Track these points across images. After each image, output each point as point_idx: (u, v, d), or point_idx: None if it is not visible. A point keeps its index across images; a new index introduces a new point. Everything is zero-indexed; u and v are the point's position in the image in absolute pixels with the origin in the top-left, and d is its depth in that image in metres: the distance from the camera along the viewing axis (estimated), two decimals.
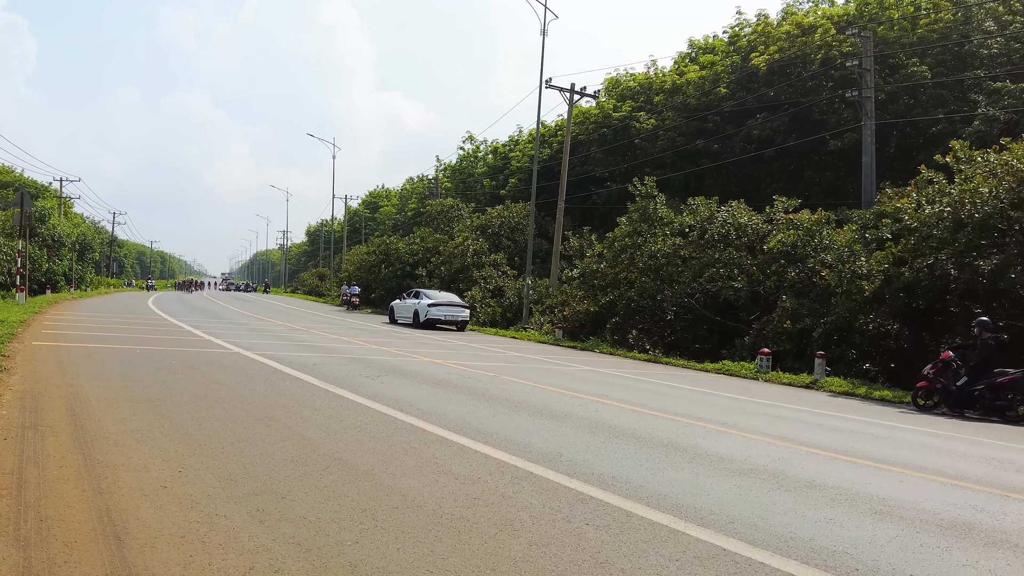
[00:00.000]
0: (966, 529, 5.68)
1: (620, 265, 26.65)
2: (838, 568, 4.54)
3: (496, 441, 7.67)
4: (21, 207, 30.57)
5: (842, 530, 5.39)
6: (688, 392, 14.47)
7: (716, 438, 9.03)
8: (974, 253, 16.17)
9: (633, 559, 4.46)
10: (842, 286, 19.24)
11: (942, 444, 10.29)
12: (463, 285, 39.21)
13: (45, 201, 60.17)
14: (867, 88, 25.42)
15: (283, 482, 5.59)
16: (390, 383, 11.82)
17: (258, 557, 4.07)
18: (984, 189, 16.36)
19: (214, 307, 40.51)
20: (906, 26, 33.55)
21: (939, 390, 14.28)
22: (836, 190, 32.42)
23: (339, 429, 7.83)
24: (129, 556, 3.97)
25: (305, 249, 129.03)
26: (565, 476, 6.36)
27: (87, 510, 4.66)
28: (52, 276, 48.75)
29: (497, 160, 61.21)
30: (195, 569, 3.85)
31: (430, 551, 4.33)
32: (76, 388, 9.35)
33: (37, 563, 3.81)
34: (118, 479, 5.39)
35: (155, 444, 6.54)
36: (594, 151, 45.21)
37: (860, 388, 16.65)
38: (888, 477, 7.51)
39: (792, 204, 24.16)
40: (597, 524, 5.11)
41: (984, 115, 28.15)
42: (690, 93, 40.76)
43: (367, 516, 4.89)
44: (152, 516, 4.62)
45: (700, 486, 6.41)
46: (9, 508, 4.61)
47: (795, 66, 36.03)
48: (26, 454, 5.94)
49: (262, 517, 4.73)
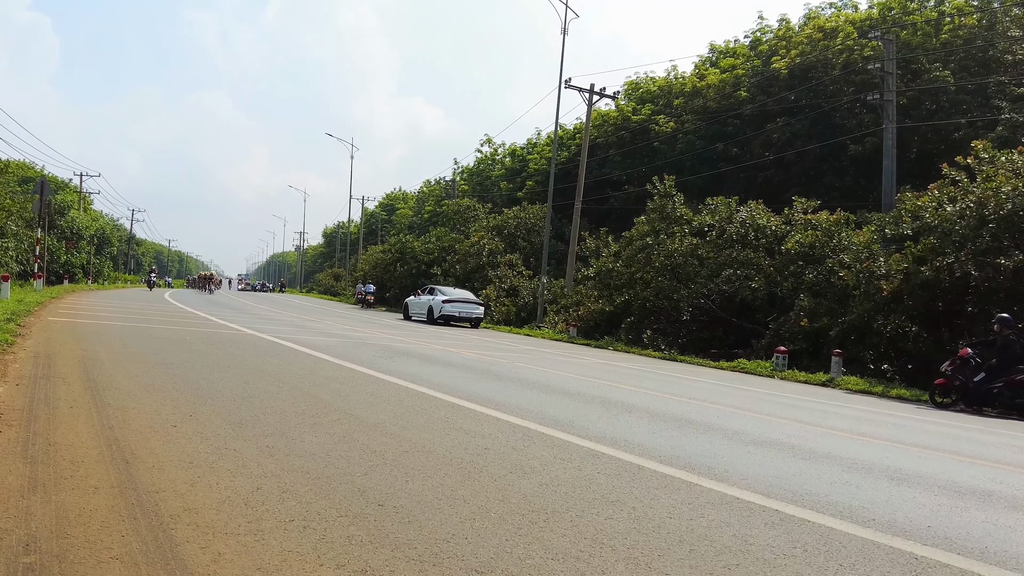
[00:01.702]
0: (985, 495, 5.56)
1: (636, 265, 26.51)
2: (854, 519, 4.43)
3: (508, 409, 7.60)
4: (41, 195, 30.82)
5: (858, 490, 5.29)
6: (702, 383, 14.35)
7: (730, 417, 8.93)
8: (996, 252, 15.96)
9: (644, 500, 4.38)
10: (860, 286, 19.03)
11: (960, 433, 10.12)
12: (478, 284, 39.18)
13: (65, 194, 60.71)
14: (889, 92, 25.20)
15: (293, 428, 5.55)
16: (403, 363, 11.78)
17: (266, 481, 4.02)
18: (1007, 188, 16.17)
19: (230, 301, 40.67)
20: (929, 31, 33.30)
21: (957, 387, 14.05)
22: (856, 195, 32.15)
23: (350, 393, 7.79)
24: (136, 475, 3.93)
25: (321, 251, 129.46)
26: (576, 437, 6.29)
27: (96, 440, 4.64)
28: (70, 268, 49.14)
29: (515, 163, 61.21)
30: (202, 487, 3.81)
31: (439, 484, 4.28)
32: (89, 351, 9.38)
33: (44, 476, 3.78)
34: (128, 419, 5.37)
35: (166, 395, 6.53)
36: (612, 154, 45.10)
37: (877, 387, 16.45)
38: (905, 453, 7.38)
39: (811, 205, 23.95)
40: (608, 473, 5.04)
41: (1008, 120, 27.86)
42: (710, 96, 40.62)
43: (377, 456, 4.84)
44: (161, 447, 4.59)
45: (713, 451, 6.32)
46: (18, 435, 4.60)
47: (816, 70, 35.83)
48: (37, 396, 5.94)
49: (271, 452, 4.69)
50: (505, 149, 66.06)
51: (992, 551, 3.99)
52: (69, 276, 46.81)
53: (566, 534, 3.57)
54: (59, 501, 3.40)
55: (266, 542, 3.09)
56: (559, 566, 3.13)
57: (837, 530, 4.13)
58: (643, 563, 3.27)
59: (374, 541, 3.21)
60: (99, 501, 3.45)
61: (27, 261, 36.31)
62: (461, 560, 3.08)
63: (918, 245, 17.85)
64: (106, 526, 3.12)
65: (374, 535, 3.29)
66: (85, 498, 3.47)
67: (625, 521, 3.90)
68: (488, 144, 67.94)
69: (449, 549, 3.20)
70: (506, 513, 3.84)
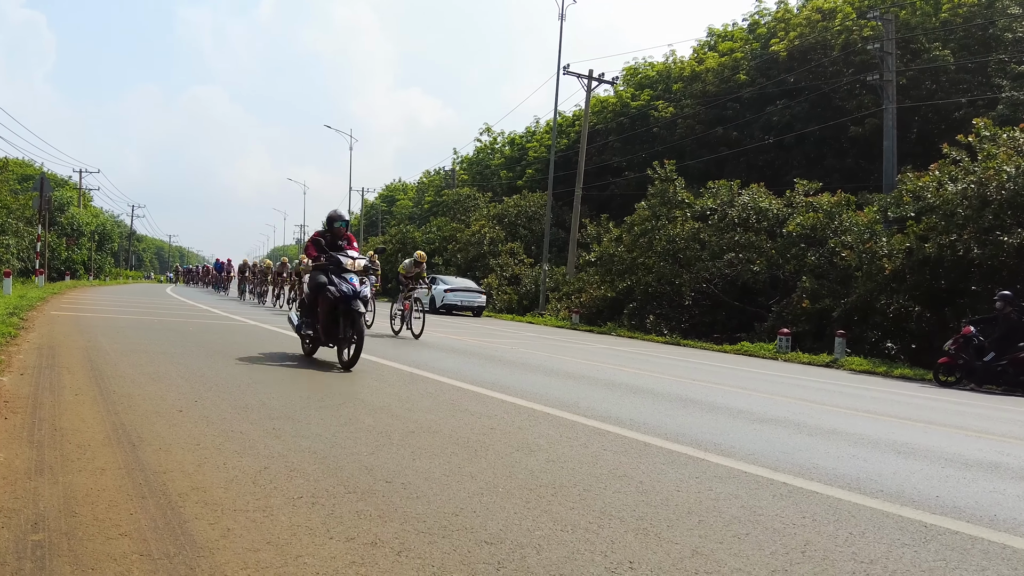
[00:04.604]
0: (992, 467, 5.56)
1: (638, 250, 26.47)
2: (862, 490, 4.42)
3: (513, 391, 7.60)
4: (41, 192, 30.78)
5: (865, 463, 5.28)
6: (706, 365, 14.34)
7: (735, 396, 8.93)
8: (998, 231, 15.91)
9: (652, 475, 4.38)
10: (863, 267, 19.00)
11: (966, 409, 10.11)
12: (479, 273, 39.18)
13: (65, 191, 60.65)
14: (888, 72, 25.07)
15: (300, 412, 5.54)
16: (406, 349, 11.78)
17: (273, 461, 4.02)
18: (1009, 167, 16.10)
19: (232, 292, 40.61)
20: (928, 10, 33.11)
21: (960, 366, 14.05)
22: (857, 176, 32.04)
23: (355, 378, 7.79)
24: (143, 457, 3.93)
25: None
26: (582, 417, 6.28)
27: (101, 424, 4.64)
28: (71, 265, 49.14)
29: (514, 151, 61.03)
30: (209, 467, 3.81)
31: (446, 462, 4.27)
32: (93, 342, 9.38)
33: (50, 459, 3.78)
34: (133, 405, 5.37)
35: (171, 383, 6.52)
36: (612, 140, 44.97)
37: (881, 367, 16.43)
38: (911, 428, 7.38)
39: (813, 187, 23.90)
40: (615, 450, 5.03)
41: (1008, 99, 27.74)
42: (709, 80, 40.45)
43: (383, 437, 4.84)
44: (167, 431, 4.58)
45: (719, 429, 6.31)
46: (23, 420, 4.59)
47: (815, 51, 35.66)
48: (42, 384, 5.94)
49: (278, 434, 4.68)
50: (504, 138, 65.84)
51: (1001, 518, 3.99)
52: (71, 273, 46.80)
53: (574, 507, 3.57)
54: (66, 482, 3.40)
55: (275, 518, 3.09)
56: (568, 536, 3.12)
57: (846, 500, 4.12)
58: (652, 533, 3.27)
59: (383, 516, 3.21)
60: (106, 482, 3.44)
61: (28, 258, 36.31)
62: (470, 532, 3.08)
63: (920, 224, 17.81)
64: (114, 505, 3.12)
65: (383, 510, 3.29)
66: (92, 479, 3.47)
67: (633, 495, 3.89)
68: (487, 133, 67.72)
69: (458, 522, 3.20)
70: (513, 488, 3.83)
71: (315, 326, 8.80)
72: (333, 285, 8.35)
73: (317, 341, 8.98)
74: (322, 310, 8.47)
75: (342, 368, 8.24)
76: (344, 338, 8.35)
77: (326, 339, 8.64)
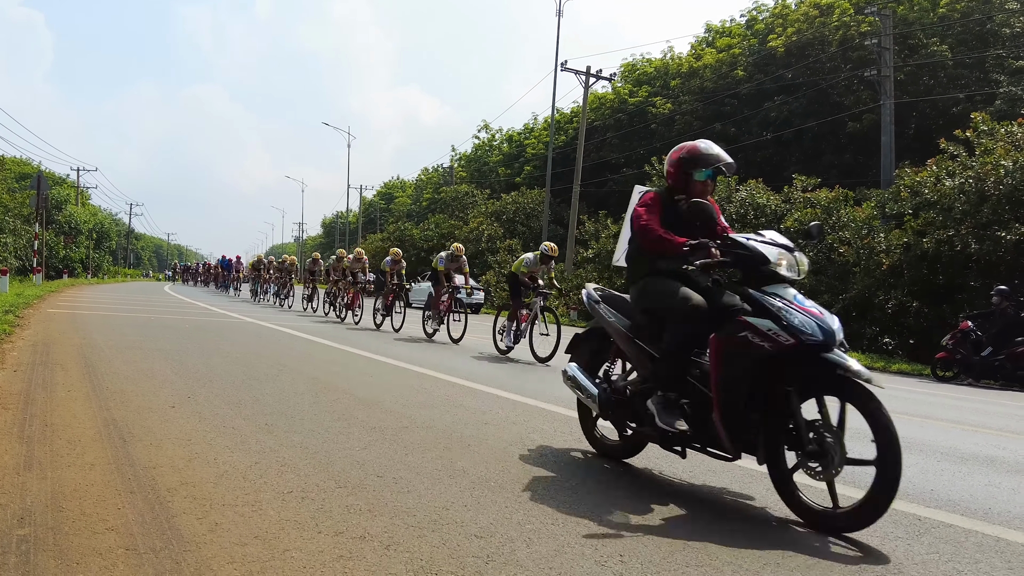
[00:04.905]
0: (988, 460, 5.54)
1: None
2: (855, 483, 4.40)
3: (508, 387, 7.57)
4: (38, 190, 30.75)
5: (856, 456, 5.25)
6: None
7: None
8: (996, 227, 15.90)
9: (645, 467, 4.36)
10: (861, 262, 18.99)
11: (963, 404, 10.10)
12: (477, 269, 39.16)
13: (62, 189, 60.57)
14: (886, 67, 25.05)
15: (293, 407, 5.52)
16: (402, 346, 11.77)
17: (264, 456, 4.00)
18: (1006, 162, 16.08)
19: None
20: (926, 5, 33.10)
21: (958, 361, 14.05)
22: (855, 172, 32.06)
23: (350, 374, 7.77)
24: (133, 452, 3.91)
25: (320, 241, 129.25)
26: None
27: (93, 420, 4.61)
28: (69, 263, 49.08)
29: (512, 148, 61.03)
30: (200, 463, 3.79)
31: (439, 457, 4.25)
32: (88, 339, 9.36)
33: (40, 455, 3.76)
34: (126, 401, 5.34)
35: (164, 379, 6.50)
36: (610, 136, 44.95)
37: (879, 362, 16.42)
38: (908, 422, 7.36)
39: (811, 183, 23.89)
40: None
41: (1006, 94, 27.72)
42: (707, 76, 40.44)
43: (376, 432, 4.82)
44: (159, 426, 4.56)
45: None
46: (14, 416, 4.57)
47: (813, 47, 35.65)
48: (35, 381, 5.91)
49: (270, 430, 4.66)
50: (502, 135, 65.83)
51: (995, 512, 3.97)
52: (68, 271, 46.77)
53: (566, 501, 3.55)
54: (55, 477, 3.38)
55: (264, 512, 3.07)
56: (558, 530, 3.10)
57: (841, 494, 4.10)
58: (643, 527, 3.25)
59: (372, 510, 3.19)
60: (95, 477, 3.42)
61: (26, 256, 36.27)
62: (460, 526, 3.06)
63: (918, 220, 17.79)
64: (102, 500, 3.10)
65: (373, 504, 3.27)
66: (81, 474, 3.45)
67: (627, 489, 3.88)
68: (485, 130, 67.72)
69: (448, 516, 3.18)
70: (506, 482, 3.81)
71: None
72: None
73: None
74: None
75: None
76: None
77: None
